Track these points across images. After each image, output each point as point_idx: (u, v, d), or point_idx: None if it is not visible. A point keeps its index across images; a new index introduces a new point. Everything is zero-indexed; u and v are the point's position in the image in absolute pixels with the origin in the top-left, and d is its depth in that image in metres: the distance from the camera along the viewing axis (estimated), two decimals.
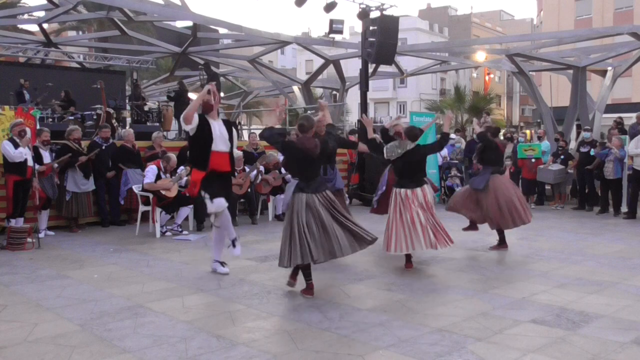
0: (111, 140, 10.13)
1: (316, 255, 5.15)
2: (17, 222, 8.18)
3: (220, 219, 6.26)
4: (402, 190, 6.25)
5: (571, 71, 17.12)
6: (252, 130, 17.10)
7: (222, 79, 20.56)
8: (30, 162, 8.21)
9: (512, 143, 13.00)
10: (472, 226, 7.67)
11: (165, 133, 13.50)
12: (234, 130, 6.65)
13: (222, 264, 6.36)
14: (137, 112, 14.09)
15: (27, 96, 12.52)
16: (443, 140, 6.68)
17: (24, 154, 8.06)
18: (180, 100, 14.25)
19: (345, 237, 5.31)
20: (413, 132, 6.35)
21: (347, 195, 11.17)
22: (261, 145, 11.17)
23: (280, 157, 10.17)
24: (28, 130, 8.40)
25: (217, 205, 6.09)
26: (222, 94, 14.86)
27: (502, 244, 7.50)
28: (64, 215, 9.27)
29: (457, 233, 7.33)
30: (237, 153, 9.31)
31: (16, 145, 8.02)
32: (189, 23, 16.52)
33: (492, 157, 7.45)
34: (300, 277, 5.45)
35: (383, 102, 48.32)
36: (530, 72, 17.97)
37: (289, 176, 9.72)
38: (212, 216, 6.37)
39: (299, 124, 5.48)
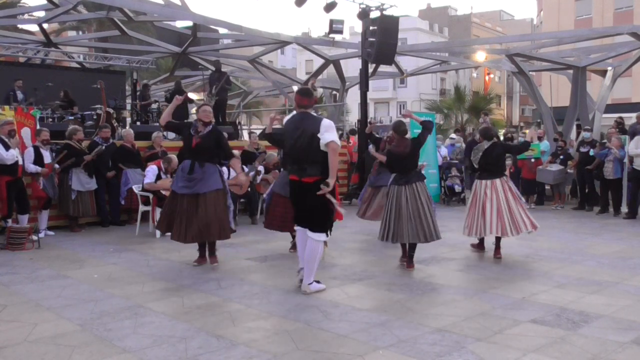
0: (111, 140, 10.14)
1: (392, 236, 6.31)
2: (22, 220, 8.17)
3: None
4: (483, 181, 6.99)
5: (571, 71, 17.11)
6: (252, 130, 17.11)
7: None
8: (20, 161, 8.17)
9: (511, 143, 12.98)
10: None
11: (165, 133, 13.49)
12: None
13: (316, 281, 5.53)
14: (141, 112, 14.05)
15: (19, 96, 12.43)
16: (524, 146, 7.78)
17: (15, 155, 7.96)
18: None
19: (415, 226, 6.22)
20: (489, 133, 7.17)
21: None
22: (262, 145, 11.17)
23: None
24: (27, 129, 8.38)
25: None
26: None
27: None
28: (71, 214, 9.28)
29: (457, 234, 7.32)
30: (235, 153, 9.29)
31: (7, 147, 7.86)
32: (189, 23, 16.49)
33: None
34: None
35: (383, 102, 48.30)
36: (530, 72, 17.95)
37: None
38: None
39: (401, 130, 6.52)
